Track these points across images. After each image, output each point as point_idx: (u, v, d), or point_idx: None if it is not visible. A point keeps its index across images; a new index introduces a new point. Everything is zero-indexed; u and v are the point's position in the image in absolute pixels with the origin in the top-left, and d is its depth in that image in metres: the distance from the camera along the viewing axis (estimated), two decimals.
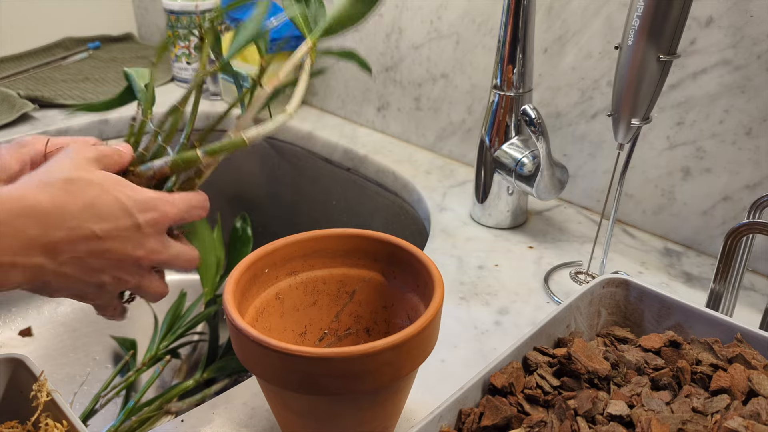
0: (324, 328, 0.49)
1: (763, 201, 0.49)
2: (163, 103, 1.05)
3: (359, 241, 0.47)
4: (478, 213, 0.74)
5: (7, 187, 0.39)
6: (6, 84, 1.08)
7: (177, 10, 1.07)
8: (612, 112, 0.55)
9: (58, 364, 0.88)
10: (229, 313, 0.38)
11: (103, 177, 0.42)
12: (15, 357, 0.45)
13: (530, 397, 0.40)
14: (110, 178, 0.43)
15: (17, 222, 0.37)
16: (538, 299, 0.61)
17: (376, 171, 0.90)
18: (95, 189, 0.41)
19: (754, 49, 0.59)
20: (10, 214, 0.37)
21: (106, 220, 0.41)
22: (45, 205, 0.39)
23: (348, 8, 0.50)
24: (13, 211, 0.37)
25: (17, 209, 0.38)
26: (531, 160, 0.67)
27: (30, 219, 0.38)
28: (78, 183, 0.41)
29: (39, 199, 0.39)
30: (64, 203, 0.39)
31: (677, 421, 0.36)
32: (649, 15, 0.49)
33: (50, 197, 0.39)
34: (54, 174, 0.41)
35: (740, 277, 0.51)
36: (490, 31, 0.79)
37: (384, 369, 0.37)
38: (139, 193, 0.43)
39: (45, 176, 0.41)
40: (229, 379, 0.79)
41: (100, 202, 0.41)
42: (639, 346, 0.44)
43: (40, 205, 0.38)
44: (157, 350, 0.80)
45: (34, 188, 0.39)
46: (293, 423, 0.41)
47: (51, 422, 0.41)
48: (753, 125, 0.61)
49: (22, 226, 0.37)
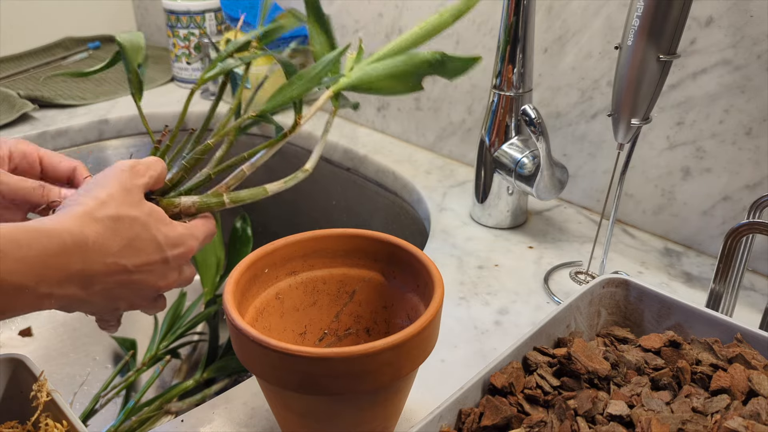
0: (324, 328, 0.49)
1: (763, 201, 0.49)
2: (163, 103, 1.06)
3: (359, 241, 0.47)
4: (478, 213, 0.74)
5: (59, 218, 0.40)
6: (6, 84, 1.08)
7: (177, 10, 1.07)
8: (612, 112, 0.55)
9: (58, 364, 0.88)
10: (229, 313, 0.38)
11: (148, 213, 0.44)
12: (15, 357, 0.45)
13: (530, 397, 0.40)
14: (152, 216, 0.45)
15: (64, 256, 0.39)
16: (538, 299, 0.61)
17: (376, 171, 0.90)
18: (138, 227, 0.43)
19: (754, 49, 0.59)
20: (62, 247, 0.38)
21: (139, 256, 0.43)
22: (90, 243, 0.40)
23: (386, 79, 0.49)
24: (65, 244, 0.39)
25: (68, 243, 0.39)
26: (531, 160, 0.66)
27: (75, 255, 0.39)
28: (124, 221, 0.43)
29: (86, 235, 0.40)
30: (106, 242, 0.41)
31: (677, 421, 0.36)
32: (649, 15, 0.49)
33: (95, 234, 0.41)
34: (106, 208, 0.42)
35: (740, 277, 0.51)
36: (490, 31, 0.79)
37: (384, 369, 0.37)
38: (173, 230, 0.46)
39: (94, 208, 0.42)
40: (229, 379, 0.79)
41: (139, 240, 0.43)
42: (639, 346, 0.44)
43: (85, 241, 0.40)
44: (157, 350, 0.80)
45: (85, 222, 0.41)
46: (293, 423, 0.41)
47: (51, 422, 0.41)
48: (753, 125, 0.61)
49: (66, 260, 0.39)
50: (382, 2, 0.90)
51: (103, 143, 1.01)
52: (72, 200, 0.42)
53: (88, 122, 0.99)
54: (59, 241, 0.38)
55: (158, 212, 0.45)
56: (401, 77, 0.48)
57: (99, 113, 1.01)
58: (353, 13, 0.94)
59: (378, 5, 0.90)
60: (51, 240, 0.38)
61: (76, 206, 0.42)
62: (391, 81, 0.47)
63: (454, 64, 0.46)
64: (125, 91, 1.10)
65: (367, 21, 0.93)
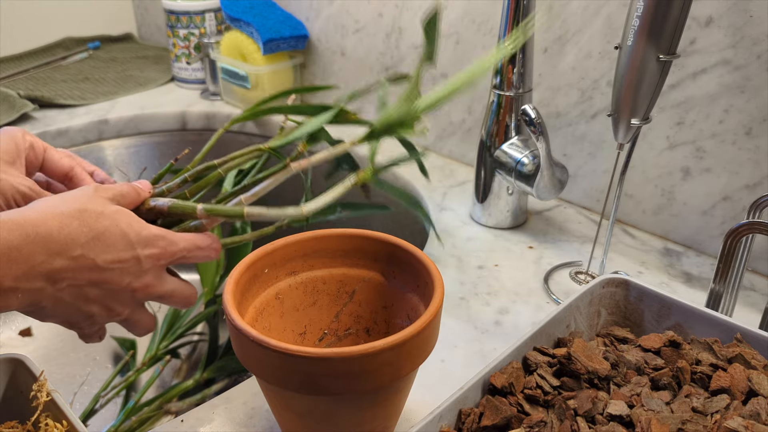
0: (324, 328, 0.49)
1: (763, 201, 0.49)
2: (163, 103, 1.06)
3: (359, 241, 0.47)
4: (478, 213, 0.74)
5: (24, 211, 0.40)
6: (6, 84, 1.08)
7: (177, 10, 1.07)
8: (612, 112, 0.55)
9: (58, 364, 0.88)
10: (229, 313, 0.38)
11: (115, 211, 0.44)
12: (15, 357, 0.45)
13: (530, 397, 0.40)
14: (122, 213, 0.44)
15: (28, 248, 0.38)
16: (538, 299, 0.61)
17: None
18: (105, 221, 0.42)
19: (754, 49, 0.59)
20: (25, 239, 0.38)
21: (109, 251, 0.42)
22: (54, 234, 0.39)
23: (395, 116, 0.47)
24: (28, 236, 0.38)
25: (32, 235, 0.38)
26: (531, 160, 0.66)
27: (39, 246, 0.39)
28: (90, 213, 0.42)
29: (50, 226, 0.39)
30: (73, 233, 0.40)
31: (677, 421, 0.36)
32: (649, 15, 0.49)
33: (60, 225, 0.40)
34: (69, 203, 0.42)
35: (740, 277, 0.51)
36: (490, 31, 0.79)
37: (384, 369, 0.37)
38: (145, 229, 0.45)
39: (60, 203, 0.41)
40: (229, 379, 0.79)
41: (108, 234, 0.42)
42: (639, 346, 0.44)
43: (50, 232, 0.39)
44: (156, 350, 0.80)
45: (49, 215, 0.40)
46: (293, 423, 0.41)
47: (51, 422, 0.41)
48: (753, 125, 0.61)
49: (30, 252, 0.38)
50: (382, 2, 0.90)
51: (103, 143, 1.01)
52: (33, 202, 0.43)
53: (88, 122, 0.99)
54: (21, 233, 0.38)
55: (126, 212, 0.44)
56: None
57: (99, 113, 1.01)
58: (353, 13, 0.94)
59: (378, 5, 0.90)
60: (11, 232, 0.37)
61: (39, 202, 0.42)
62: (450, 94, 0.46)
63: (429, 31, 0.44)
64: (125, 92, 1.10)
65: (367, 21, 0.93)
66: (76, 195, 0.43)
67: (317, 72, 1.04)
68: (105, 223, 0.42)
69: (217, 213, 0.48)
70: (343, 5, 0.95)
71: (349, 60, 0.98)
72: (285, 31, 0.99)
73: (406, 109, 0.47)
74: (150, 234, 0.45)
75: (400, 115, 0.47)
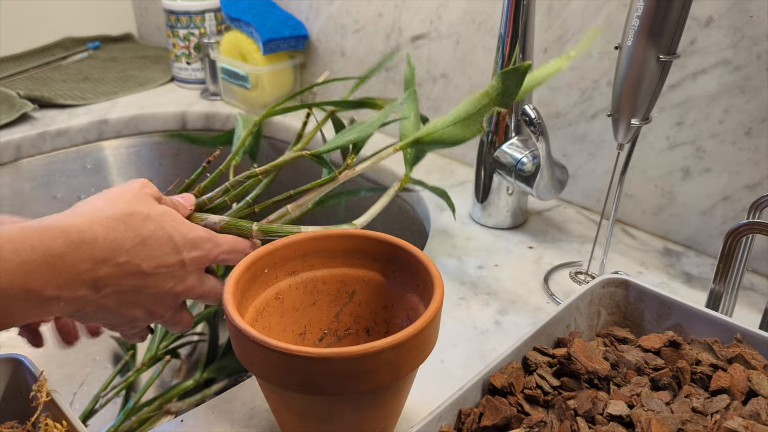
0: (324, 328, 0.49)
1: (762, 201, 0.49)
2: (162, 103, 1.06)
3: (359, 241, 0.47)
4: (478, 213, 0.74)
5: (65, 216, 0.38)
6: (6, 84, 1.08)
7: (177, 10, 1.07)
8: (612, 112, 0.55)
9: (58, 364, 0.88)
10: (229, 313, 0.38)
11: (162, 213, 0.42)
12: (15, 357, 0.45)
13: (530, 397, 0.40)
14: (168, 215, 0.43)
15: (72, 256, 0.36)
16: (538, 299, 0.61)
17: (376, 171, 0.90)
18: (151, 225, 0.41)
19: (754, 49, 0.59)
20: (69, 246, 0.36)
21: (154, 257, 0.41)
22: (100, 240, 0.38)
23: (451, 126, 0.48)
24: (72, 243, 0.36)
25: (76, 242, 0.37)
26: (531, 160, 0.66)
27: (84, 253, 0.37)
28: (137, 217, 0.41)
29: (96, 232, 0.38)
30: (119, 238, 0.39)
31: (677, 421, 0.36)
32: (649, 15, 0.49)
33: (105, 230, 0.38)
34: (115, 206, 0.40)
35: (740, 277, 0.51)
36: (490, 31, 0.79)
37: (384, 369, 0.37)
38: (191, 231, 0.44)
39: (106, 206, 0.40)
40: (229, 379, 0.79)
41: (154, 239, 0.41)
42: (639, 346, 0.44)
43: (95, 239, 0.38)
44: (156, 350, 0.80)
45: (95, 220, 0.38)
46: (293, 423, 0.41)
47: (51, 422, 0.41)
48: (752, 125, 0.61)
49: (74, 260, 0.37)
50: (382, 2, 0.90)
51: (103, 143, 1.01)
52: (78, 204, 0.41)
53: (88, 122, 0.99)
54: (66, 240, 0.36)
55: (173, 212, 0.43)
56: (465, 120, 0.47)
57: (99, 113, 1.01)
58: (353, 13, 0.94)
59: (378, 5, 0.90)
60: (56, 240, 0.36)
61: (83, 205, 0.40)
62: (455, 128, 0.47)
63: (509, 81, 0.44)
64: (125, 92, 1.10)
65: (367, 21, 0.93)
66: (122, 194, 0.42)
67: (317, 72, 1.04)
68: (151, 227, 0.41)
69: (274, 232, 0.48)
70: (343, 5, 0.95)
71: (349, 60, 0.98)
72: (285, 31, 0.99)
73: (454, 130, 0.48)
74: (196, 236, 0.44)
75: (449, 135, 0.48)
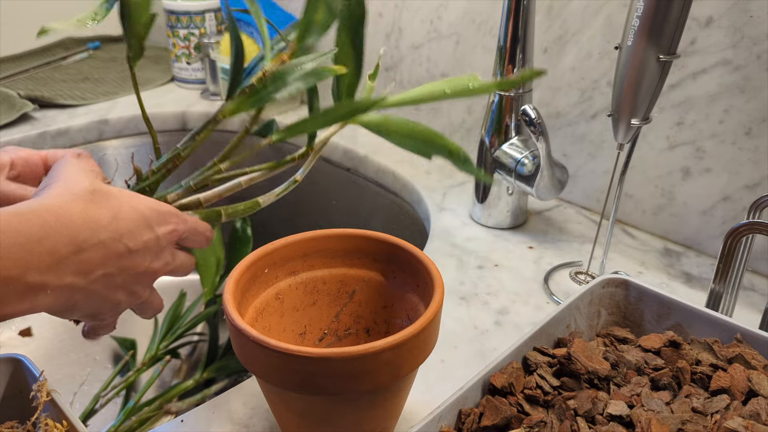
0: (324, 328, 0.49)
1: (762, 201, 0.49)
2: (162, 103, 1.06)
3: (359, 241, 0.47)
4: (478, 213, 0.74)
5: (35, 200, 0.37)
6: (6, 84, 1.08)
7: (177, 10, 1.07)
8: (612, 112, 0.55)
9: (58, 364, 0.88)
10: (229, 313, 0.38)
11: (117, 189, 0.41)
12: (15, 357, 0.45)
13: (530, 397, 0.40)
14: (124, 190, 0.42)
15: (50, 240, 0.35)
16: (538, 299, 0.61)
17: (376, 171, 0.90)
18: (115, 201, 0.40)
19: (754, 49, 0.59)
20: (44, 228, 0.35)
21: (132, 233, 0.40)
22: (75, 218, 0.36)
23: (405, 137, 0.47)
24: (46, 224, 0.35)
25: (51, 223, 0.35)
26: (531, 160, 0.66)
27: (62, 236, 0.35)
28: (100, 193, 0.39)
29: (69, 211, 0.36)
30: (94, 214, 0.38)
31: (677, 421, 0.36)
32: (649, 15, 0.49)
33: (79, 207, 0.37)
34: (78, 183, 0.39)
35: (740, 277, 0.51)
36: (490, 31, 0.79)
37: (384, 369, 0.37)
38: (158, 205, 0.43)
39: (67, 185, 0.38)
40: (229, 379, 0.79)
41: (123, 213, 0.40)
42: (639, 346, 0.44)
43: (70, 217, 0.36)
44: (157, 350, 0.80)
45: (62, 199, 0.37)
46: (293, 423, 0.41)
47: (51, 422, 0.41)
48: (752, 125, 0.61)
49: (54, 243, 0.35)
50: (382, 2, 0.90)
51: (103, 143, 1.01)
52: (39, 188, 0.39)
53: (88, 122, 0.99)
54: (40, 222, 0.34)
55: (125, 190, 0.42)
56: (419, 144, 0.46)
57: (99, 113, 1.01)
58: None
59: (378, 5, 0.90)
60: (29, 223, 0.34)
61: (47, 189, 0.38)
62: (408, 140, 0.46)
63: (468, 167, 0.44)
64: (125, 92, 1.10)
65: (367, 21, 0.93)
66: (75, 175, 0.40)
67: None
68: (116, 203, 0.39)
69: (239, 212, 0.50)
70: None
71: None
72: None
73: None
74: (165, 210, 0.43)
75: None
